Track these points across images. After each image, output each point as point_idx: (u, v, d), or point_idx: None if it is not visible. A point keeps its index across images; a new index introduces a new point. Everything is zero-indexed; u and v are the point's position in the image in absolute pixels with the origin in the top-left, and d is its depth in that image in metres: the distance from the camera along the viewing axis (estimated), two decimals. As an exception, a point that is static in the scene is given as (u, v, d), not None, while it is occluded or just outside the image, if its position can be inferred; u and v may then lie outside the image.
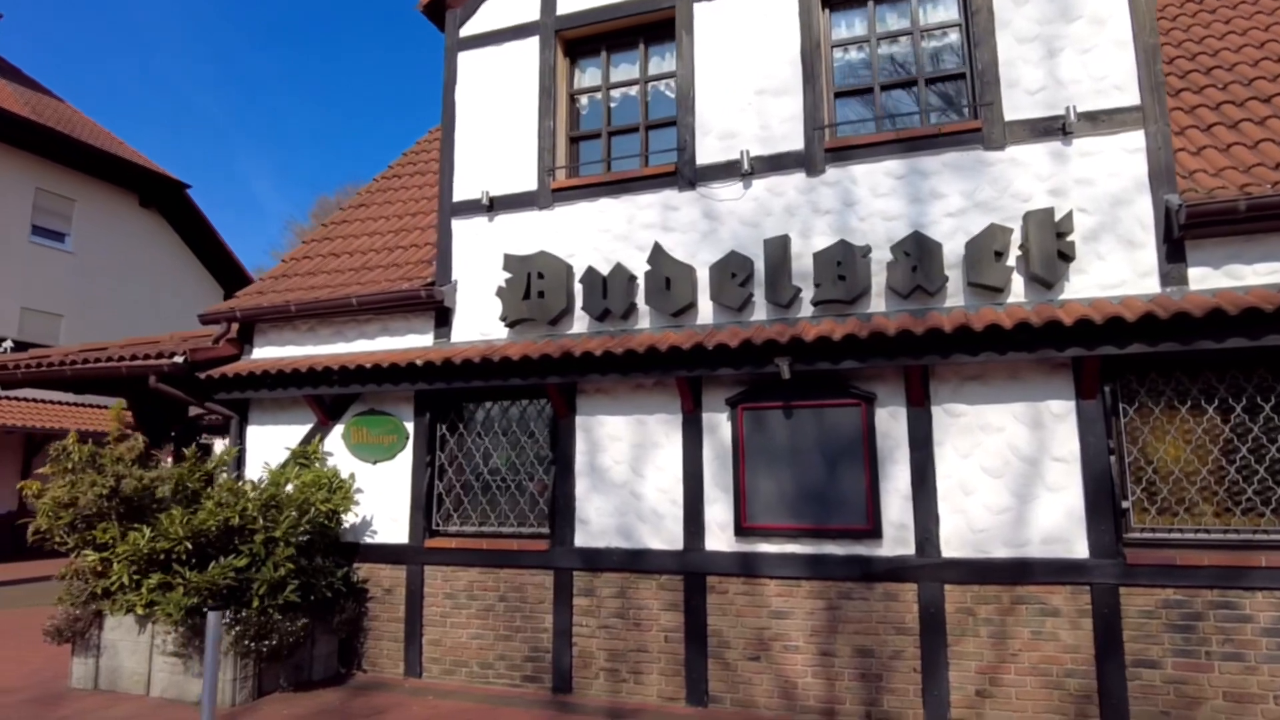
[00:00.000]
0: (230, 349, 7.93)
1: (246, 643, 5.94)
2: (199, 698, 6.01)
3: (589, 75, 7.42)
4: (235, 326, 7.97)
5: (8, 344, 9.43)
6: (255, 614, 6.03)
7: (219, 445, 16.54)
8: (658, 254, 6.43)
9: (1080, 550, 5.37)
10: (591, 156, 7.25)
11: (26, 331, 17.51)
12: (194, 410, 9.22)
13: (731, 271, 6.21)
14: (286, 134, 56.80)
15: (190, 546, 6.07)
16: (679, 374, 6.04)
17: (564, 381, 6.42)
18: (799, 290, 6.08)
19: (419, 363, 6.63)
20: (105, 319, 18.78)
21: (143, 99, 52.24)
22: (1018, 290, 5.70)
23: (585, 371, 6.29)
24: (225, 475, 7.36)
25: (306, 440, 7.50)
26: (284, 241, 50.86)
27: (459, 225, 7.36)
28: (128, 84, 52.42)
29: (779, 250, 6.12)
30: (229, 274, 22.87)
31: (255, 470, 7.54)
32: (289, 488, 6.69)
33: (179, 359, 7.44)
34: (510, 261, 6.87)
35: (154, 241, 21.19)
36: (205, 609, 5.96)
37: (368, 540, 7.20)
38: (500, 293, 6.89)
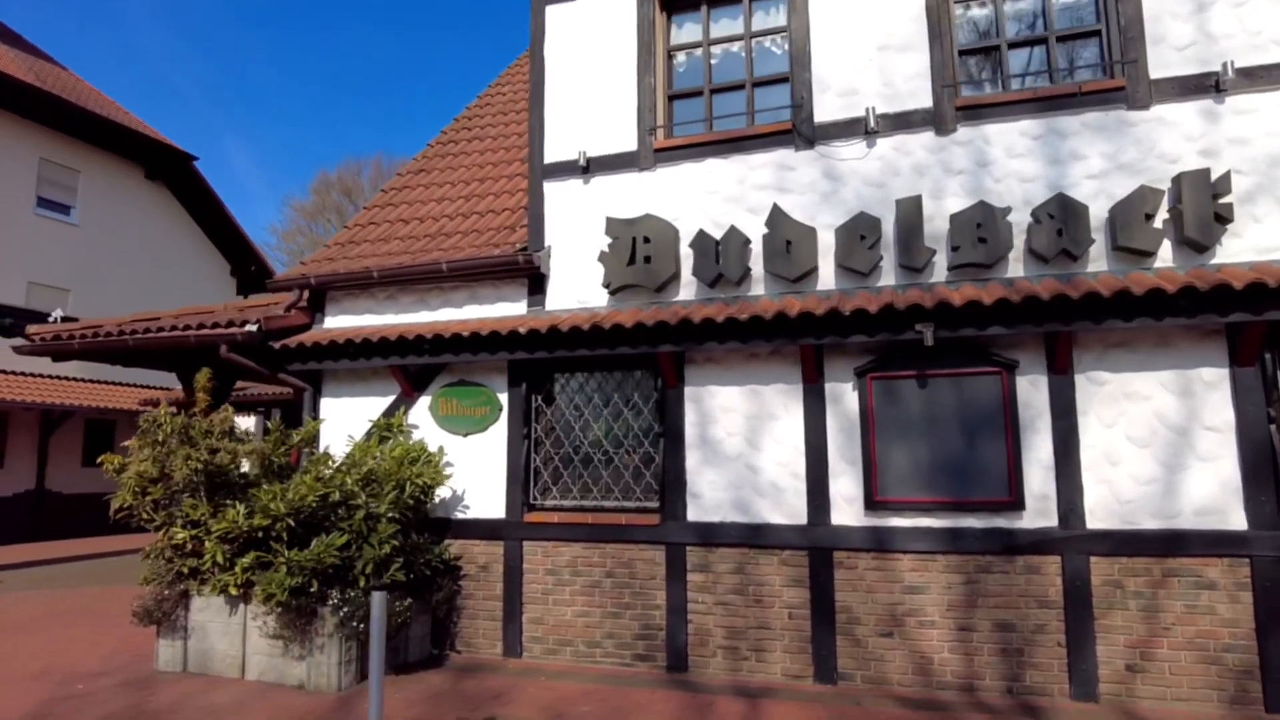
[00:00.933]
0: (301, 318, 7.56)
1: (355, 624, 5.64)
2: (301, 681, 5.76)
3: (686, 31, 7.07)
4: (306, 294, 7.59)
5: (58, 314, 8.95)
6: (361, 594, 5.73)
7: (241, 422, 16.06)
8: (777, 216, 6.15)
9: (1237, 522, 5.20)
10: (687, 116, 6.92)
11: (33, 306, 16.89)
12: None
13: (860, 234, 5.95)
14: (266, 112, 55.53)
15: (293, 523, 5.74)
16: (806, 341, 5.78)
17: (675, 350, 6.14)
18: (933, 253, 5.84)
19: (522, 330, 6.31)
20: (112, 294, 18.20)
21: (119, 72, 50.75)
22: (1164, 255, 5.50)
23: (703, 340, 6.01)
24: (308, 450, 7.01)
25: (389, 412, 7.17)
26: (283, 217, 49.90)
27: (551, 188, 7.02)
28: (104, 56, 50.86)
29: (912, 211, 5.87)
30: (236, 250, 22.28)
31: (334, 444, 7.20)
32: (380, 462, 6.35)
33: (252, 327, 7.07)
34: (613, 225, 6.56)
35: (160, 215, 20.53)
36: (309, 589, 5.67)
37: (459, 515, 6.91)
38: (602, 258, 6.59)
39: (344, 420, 7.34)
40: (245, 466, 6.50)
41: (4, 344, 16.37)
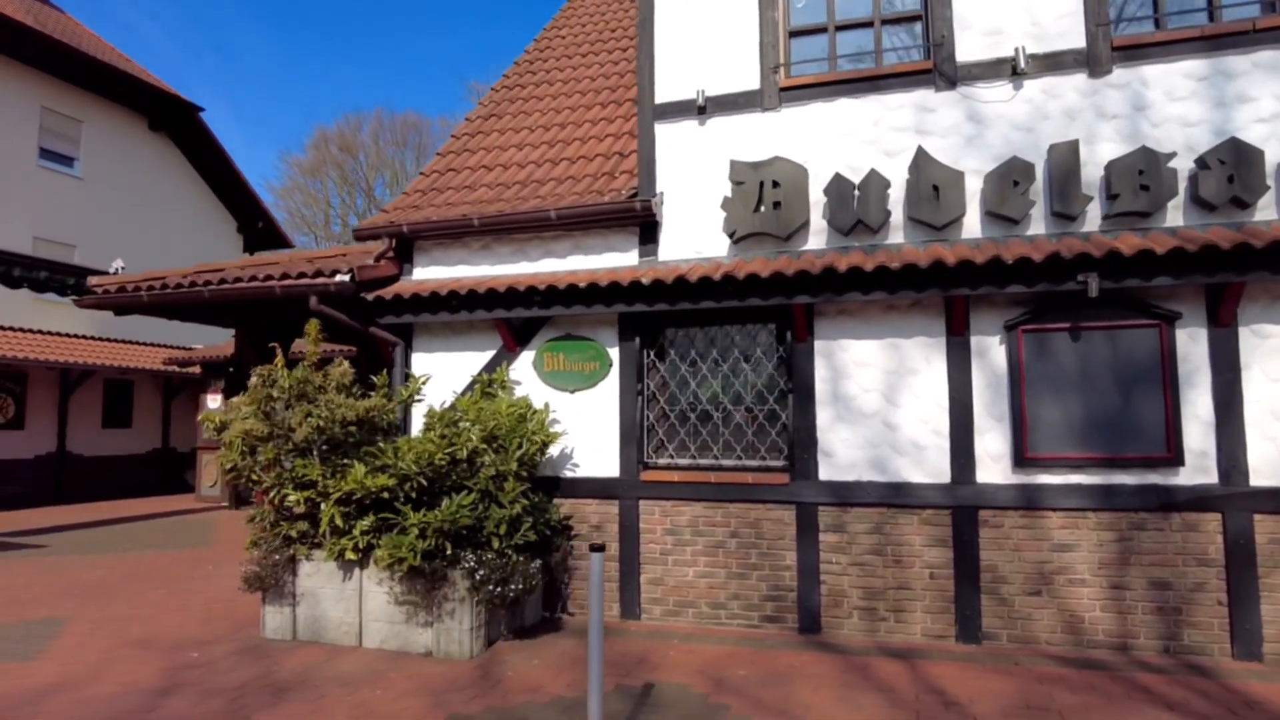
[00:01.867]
0: (391, 268, 7.16)
1: (491, 588, 5.38)
2: (429, 648, 5.53)
3: (806, -36, 6.66)
4: (393, 244, 7.18)
5: (119, 264, 8.43)
6: (495, 556, 5.47)
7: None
8: (923, 159, 5.84)
9: None
10: (806, 54, 6.54)
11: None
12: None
13: (1014, 179, 5.67)
14: (253, 68, 53.65)
15: (424, 482, 5.44)
16: (960, 292, 5.52)
17: (811, 302, 5.87)
18: (1089, 201, 5.58)
19: (645, 281, 5.99)
20: (118, 249, 17.34)
21: (91, 22, 48.56)
22: (1337, 203, 5.28)
23: (844, 290, 5.73)
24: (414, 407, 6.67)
25: (490, 368, 6.84)
26: (279, 175, 48.44)
27: (664, 130, 6.65)
28: (73, 4, 48.59)
29: (1068, 157, 5.59)
30: (243, 206, 21.50)
31: (428, 401, 6.87)
32: (501, 419, 6.03)
33: (344, 277, 6.67)
34: (738, 169, 6.22)
35: (165, 169, 19.70)
36: (443, 552, 5.39)
37: (568, 474, 6.63)
38: (725, 204, 6.26)
39: (437, 376, 6.99)
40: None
41: (21, 301, 15.72)
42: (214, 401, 15.08)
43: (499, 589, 5.39)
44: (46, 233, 16.54)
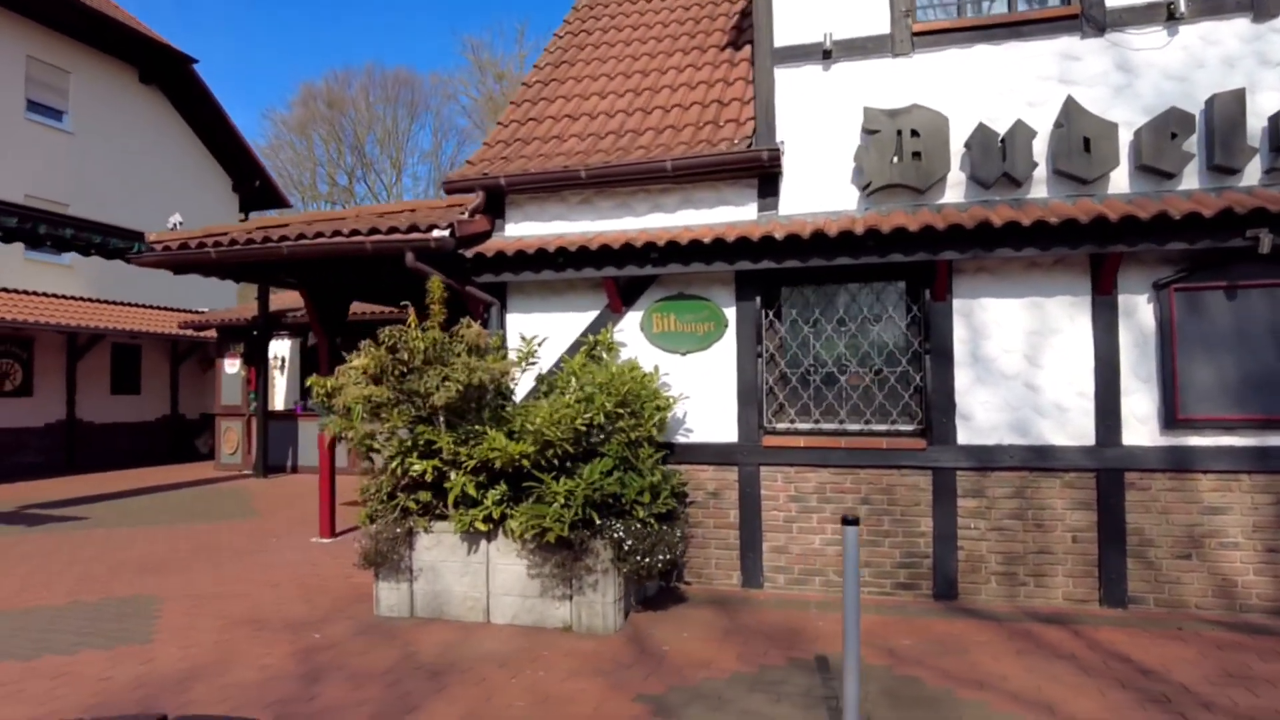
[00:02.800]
0: (484, 223, 6.75)
1: (638, 559, 5.12)
2: (567, 622, 5.29)
3: (931, -100, 6.28)
4: (484, 197, 6.75)
5: (176, 219, 7.85)
6: (640, 526, 5.20)
7: (276, 347, 15.06)
8: (1073, 110, 5.57)
9: None
10: None
11: (35, 222, 15.27)
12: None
13: (1171, 131, 5.42)
14: (227, 25, 51.32)
15: (569, 449, 5.13)
16: (1116, 249, 5.30)
17: (954, 258, 5.60)
18: (1254, 154, 5.37)
19: (778, 236, 5.68)
20: (110, 207, 16.54)
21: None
22: None
23: (992, 246, 5.48)
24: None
25: (593, 329, 6.51)
26: (263, 131, 46.63)
27: (784, 75, 6.28)
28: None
29: (1232, 107, 5.35)
30: (238, 162, 20.59)
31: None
32: (632, 383, 5.72)
33: (444, 233, 6.24)
34: (874, 116, 5.90)
35: (157, 123, 18.74)
36: (590, 521, 5.12)
37: (681, 439, 6.36)
38: (859, 154, 5.95)
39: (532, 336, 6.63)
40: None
41: (14, 262, 14.87)
42: (232, 366, 14.49)
43: (645, 559, 5.14)
44: (38, 190, 15.62)
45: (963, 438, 5.83)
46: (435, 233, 6.28)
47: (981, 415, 5.82)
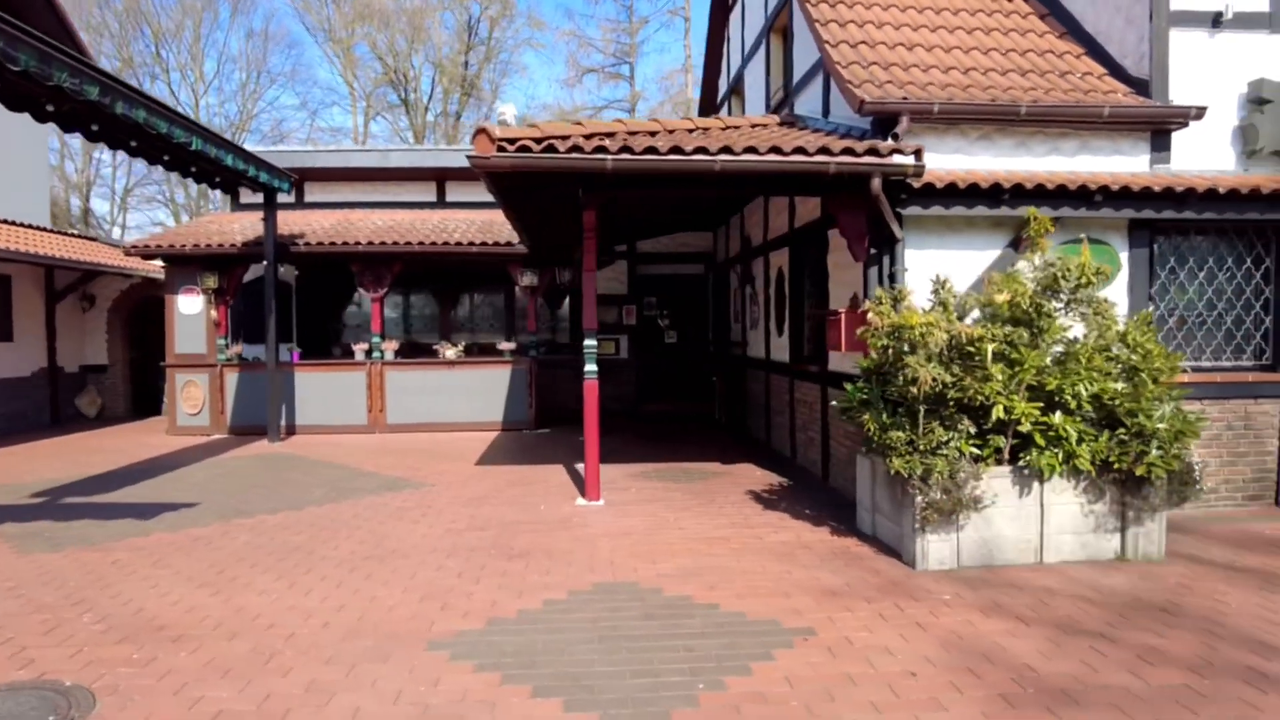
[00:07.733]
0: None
1: (1191, 487, 5.44)
2: (1116, 552, 5.50)
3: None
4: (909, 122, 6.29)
5: (511, 112, 5.88)
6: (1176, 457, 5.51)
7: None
8: None
9: None
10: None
11: None
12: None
13: None
14: None
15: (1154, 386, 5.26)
16: None
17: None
18: None
19: (1221, 190, 6.23)
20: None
21: None
22: None
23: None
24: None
25: (997, 268, 6.48)
26: None
27: (1178, 38, 6.70)
28: None
29: None
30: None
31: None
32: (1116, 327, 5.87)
33: (909, 159, 5.79)
34: (1269, 87, 6.59)
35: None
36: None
37: (1078, 379, 6.66)
38: (1250, 118, 6.63)
39: (924, 275, 6.43)
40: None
41: None
42: (190, 305, 11.28)
43: (1195, 487, 5.48)
44: None
45: (1308, 368, 6.92)
46: (896, 158, 5.79)
47: (1321, 349, 6.94)
